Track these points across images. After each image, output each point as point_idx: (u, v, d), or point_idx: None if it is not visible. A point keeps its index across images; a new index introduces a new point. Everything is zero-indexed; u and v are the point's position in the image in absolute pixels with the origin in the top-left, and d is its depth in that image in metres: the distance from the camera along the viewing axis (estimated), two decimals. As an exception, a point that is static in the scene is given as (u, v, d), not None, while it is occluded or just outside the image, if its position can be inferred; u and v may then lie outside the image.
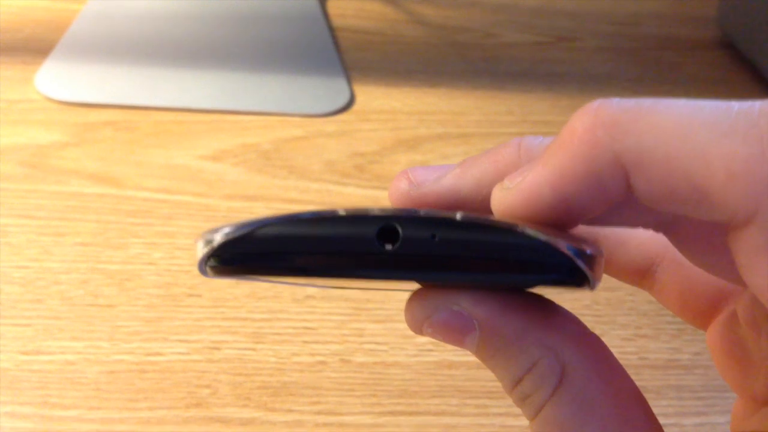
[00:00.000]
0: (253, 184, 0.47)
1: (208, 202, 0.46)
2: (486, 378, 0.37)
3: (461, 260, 0.17)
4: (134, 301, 0.39)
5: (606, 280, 0.24)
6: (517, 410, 0.18)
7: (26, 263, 0.41)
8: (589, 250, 0.17)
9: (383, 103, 0.56)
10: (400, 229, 0.17)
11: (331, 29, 0.64)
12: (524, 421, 0.18)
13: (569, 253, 0.16)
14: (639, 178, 0.16)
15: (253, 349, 0.37)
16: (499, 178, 0.19)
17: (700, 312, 0.22)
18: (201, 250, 0.18)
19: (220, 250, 0.17)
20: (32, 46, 0.57)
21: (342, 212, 0.17)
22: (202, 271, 0.18)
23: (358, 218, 0.17)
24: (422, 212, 0.17)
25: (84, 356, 0.36)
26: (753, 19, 0.63)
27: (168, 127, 0.51)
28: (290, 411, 0.35)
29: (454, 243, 0.17)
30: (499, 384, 0.18)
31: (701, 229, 0.18)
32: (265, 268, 0.18)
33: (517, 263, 0.17)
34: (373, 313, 0.40)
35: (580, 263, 0.16)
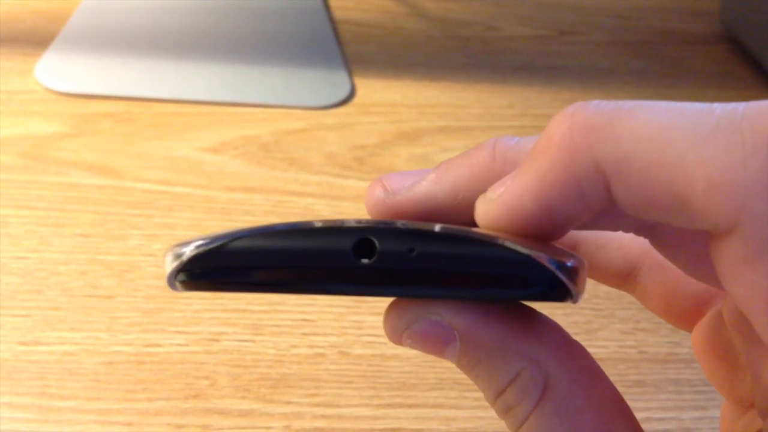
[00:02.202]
0: (253, 176, 0.47)
1: (207, 194, 0.46)
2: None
3: (439, 275, 0.16)
4: (133, 292, 0.39)
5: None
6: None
7: (25, 254, 0.40)
8: (570, 263, 0.16)
9: (384, 96, 0.56)
10: (377, 243, 0.16)
11: (332, 21, 0.64)
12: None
13: (550, 266, 0.16)
14: (618, 186, 0.15)
15: (252, 341, 0.37)
16: (475, 182, 0.18)
17: (685, 314, 0.22)
18: (170, 265, 0.17)
19: (189, 265, 0.17)
20: (32, 38, 0.57)
21: (318, 224, 0.17)
22: (172, 286, 0.17)
23: (333, 231, 0.16)
24: (400, 224, 0.17)
25: (82, 347, 0.36)
26: (755, 14, 0.62)
27: (168, 118, 0.51)
28: (289, 403, 0.35)
29: (433, 257, 0.16)
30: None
31: (683, 235, 0.18)
32: (236, 283, 0.17)
33: (497, 277, 0.16)
34: (372, 306, 0.40)
35: (561, 276, 0.16)
